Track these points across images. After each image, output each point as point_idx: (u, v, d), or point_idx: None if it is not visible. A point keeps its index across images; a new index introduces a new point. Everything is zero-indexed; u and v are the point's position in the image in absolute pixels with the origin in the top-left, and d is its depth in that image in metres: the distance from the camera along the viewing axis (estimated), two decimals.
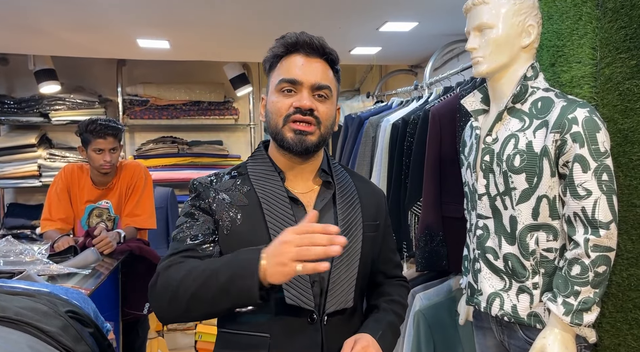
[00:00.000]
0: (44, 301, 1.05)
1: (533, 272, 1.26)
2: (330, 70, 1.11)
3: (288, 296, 1.02)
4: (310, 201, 1.12)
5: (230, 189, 1.11)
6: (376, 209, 1.19)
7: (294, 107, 1.06)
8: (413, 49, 2.97)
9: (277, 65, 1.11)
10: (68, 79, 3.52)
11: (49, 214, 2.29)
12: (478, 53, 1.35)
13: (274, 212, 1.06)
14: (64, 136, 3.68)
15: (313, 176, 1.15)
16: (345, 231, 1.09)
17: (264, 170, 1.13)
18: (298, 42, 1.08)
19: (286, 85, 1.07)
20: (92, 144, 2.20)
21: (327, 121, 1.10)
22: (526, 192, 1.25)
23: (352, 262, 1.09)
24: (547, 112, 1.24)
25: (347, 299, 1.07)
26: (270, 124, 1.11)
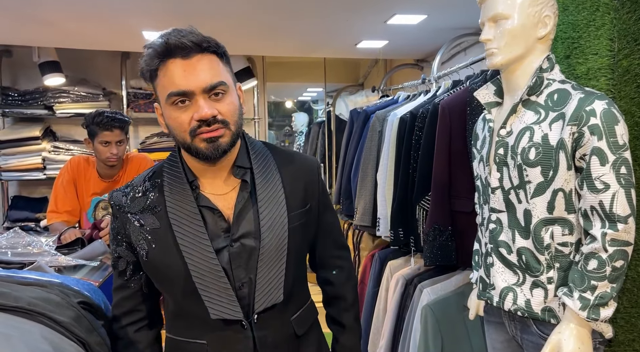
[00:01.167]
0: (56, 291, 1.04)
1: (548, 267, 1.25)
2: (216, 60, 1.02)
3: (212, 311, 1.05)
4: (230, 203, 1.09)
5: (143, 210, 1.07)
6: (304, 191, 1.15)
7: (196, 121, 0.99)
8: (420, 42, 2.95)
9: (157, 76, 1.01)
10: (72, 72, 3.50)
11: (55, 206, 2.28)
12: (492, 44, 1.33)
13: (185, 234, 1.04)
14: (67, 129, 3.66)
15: (229, 173, 1.10)
16: (268, 230, 1.07)
17: (176, 181, 1.08)
18: (169, 48, 0.98)
19: (177, 98, 0.99)
20: (99, 137, 2.19)
21: (234, 117, 1.03)
22: (541, 186, 1.24)
23: (279, 260, 1.08)
24: (564, 105, 1.22)
25: (276, 295, 1.08)
26: (177, 139, 1.04)
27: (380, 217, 2.40)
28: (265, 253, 1.06)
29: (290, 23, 2.52)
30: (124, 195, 1.11)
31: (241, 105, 1.08)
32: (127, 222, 1.08)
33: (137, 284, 1.13)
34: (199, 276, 1.04)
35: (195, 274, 1.04)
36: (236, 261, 1.07)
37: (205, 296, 1.04)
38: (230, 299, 1.04)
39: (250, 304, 1.07)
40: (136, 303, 1.14)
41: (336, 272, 1.26)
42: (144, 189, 1.09)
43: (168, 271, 1.06)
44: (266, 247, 1.07)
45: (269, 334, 1.10)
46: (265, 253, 1.06)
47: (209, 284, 1.04)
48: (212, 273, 1.04)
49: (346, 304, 1.27)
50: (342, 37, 2.79)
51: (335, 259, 1.27)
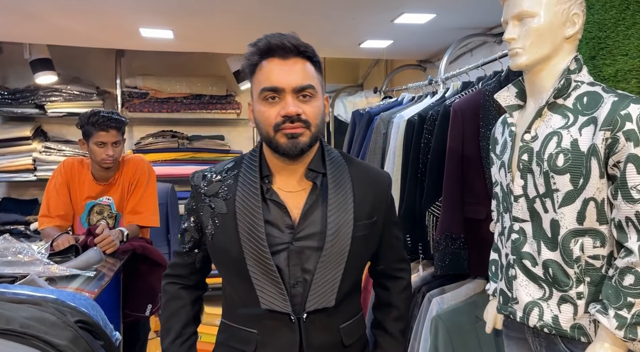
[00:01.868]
0: (52, 310, 0.95)
1: (577, 281, 1.17)
2: (310, 66, 1.11)
3: (262, 301, 1.10)
4: (300, 202, 1.15)
5: (216, 195, 1.16)
6: (372, 204, 1.19)
7: (281, 116, 1.07)
8: (425, 43, 2.88)
9: (255, 72, 1.11)
10: (65, 70, 3.40)
11: (47, 211, 2.17)
12: (517, 44, 1.25)
13: (246, 223, 1.11)
14: (59, 129, 3.56)
15: (304, 174, 1.17)
16: (334, 233, 1.12)
17: (250, 173, 1.16)
18: (271, 47, 1.08)
19: (269, 93, 1.08)
20: (94, 137, 2.09)
21: (316, 119, 1.11)
22: (570, 195, 1.17)
23: (338, 264, 1.12)
24: (595, 108, 1.15)
25: (329, 299, 1.12)
26: (261, 133, 1.13)
27: None
28: (327, 256, 1.11)
29: (293, 21, 2.44)
30: (203, 177, 1.19)
31: (324, 113, 1.15)
32: (200, 202, 1.17)
33: (191, 258, 1.23)
34: (253, 265, 1.09)
35: (250, 263, 1.09)
36: (294, 259, 1.12)
37: (257, 285, 1.10)
38: (280, 293, 1.09)
39: (302, 303, 1.11)
40: (187, 272, 1.25)
41: (394, 281, 1.31)
42: (222, 176, 1.17)
43: (227, 256, 1.14)
44: (329, 250, 1.11)
45: (316, 336, 1.13)
46: (327, 256, 1.11)
47: (261, 274, 1.09)
48: (264, 265, 1.09)
49: (397, 313, 1.29)
50: (346, 36, 2.71)
51: (396, 271, 1.31)
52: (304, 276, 1.11)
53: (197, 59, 3.62)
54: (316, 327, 1.12)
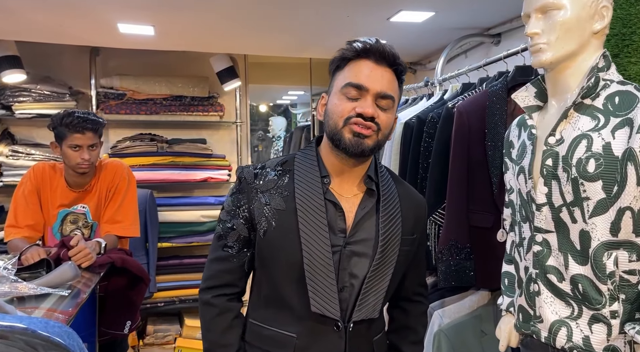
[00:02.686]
0: (20, 344, 0.79)
1: (611, 298, 1.07)
2: (396, 81, 1.12)
3: (314, 304, 1.07)
4: (352, 207, 1.14)
5: (271, 190, 1.13)
6: (415, 222, 1.21)
7: (357, 112, 1.07)
8: (418, 44, 2.79)
9: (344, 67, 1.11)
10: (34, 68, 3.18)
11: (14, 220, 1.98)
12: (541, 39, 1.16)
13: (308, 222, 1.09)
14: (28, 131, 3.33)
15: (359, 181, 1.17)
16: (384, 244, 1.12)
17: (309, 172, 1.14)
18: (370, 48, 1.09)
19: (352, 89, 1.08)
20: (68, 140, 1.91)
21: (386, 129, 1.11)
22: (603, 203, 1.07)
23: (386, 275, 1.13)
24: (630, 109, 1.06)
25: (375, 309, 1.12)
26: (329, 124, 1.11)
27: None
28: (378, 264, 1.10)
29: (283, 18, 2.31)
30: (255, 174, 1.16)
31: (392, 131, 1.15)
32: (253, 198, 1.13)
33: (240, 260, 1.17)
34: (311, 265, 1.07)
35: (307, 263, 1.07)
36: (344, 263, 1.10)
37: (311, 286, 1.07)
38: (332, 297, 1.07)
39: (348, 310, 1.11)
40: (235, 278, 1.17)
41: (415, 305, 1.29)
42: (277, 172, 1.15)
43: (281, 253, 1.10)
44: (380, 257, 1.11)
45: (357, 346, 1.12)
46: (378, 263, 1.10)
47: (317, 276, 1.07)
48: (323, 266, 1.07)
49: (415, 337, 1.27)
50: (338, 35, 2.59)
51: (417, 295, 1.30)
52: (351, 280, 1.11)
53: (178, 59, 3.45)
54: (358, 337, 1.13)
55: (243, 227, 1.15)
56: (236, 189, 1.17)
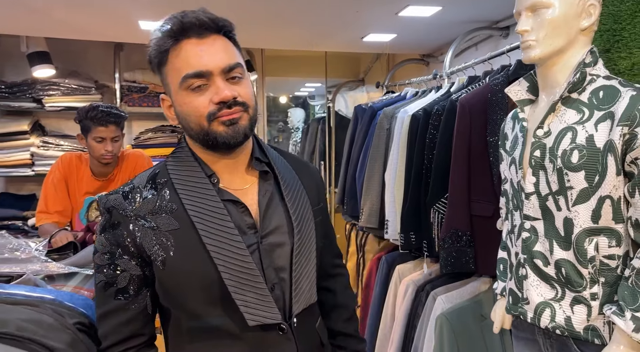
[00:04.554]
0: (49, 311, 0.91)
1: (591, 281, 1.14)
2: (231, 44, 0.96)
3: (249, 317, 0.92)
4: (253, 198, 1.00)
5: (154, 211, 0.94)
6: (317, 189, 1.13)
7: (215, 104, 0.91)
8: (429, 37, 2.83)
9: (167, 59, 0.93)
10: (62, 63, 3.34)
11: (45, 207, 2.13)
12: (530, 36, 1.22)
13: (212, 231, 0.92)
14: (57, 123, 3.51)
15: (246, 167, 1.03)
16: (300, 224, 1.01)
17: (190, 176, 0.97)
18: (185, 26, 0.91)
19: (194, 80, 0.91)
20: (93, 132, 2.05)
21: (251, 101, 0.96)
22: (585, 192, 1.13)
23: (310, 255, 1.02)
24: (612, 103, 1.11)
25: (312, 294, 1.02)
26: (191, 128, 0.94)
27: (389, 219, 2.28)
28: (299, 247, 0.99)
29: (296, 14, 2.39)
30: (125, 197, 0.96)
31: (255, 94, 1.02)
32: (135, 227, 0.94)
33: (141, 303, 0.97)
34: (232, 277, 0.91)
35: (227, 276, 0.91)
36: (267, 260, 0.97)
37: (240, 300, 0.91)
38: (267, 301, 0.93)
39: (286, 307, 0.98)
40: (138, 327, 0.97)
41: (336, 279, 1.22)
42: (151, 188, 0.97)
43: (192, 279, 0.93)
44: (299, 241, 0.99)
45: (307, 340, 1.02)
46: (299, 247, 0.99)
47: (243, 286, 0.92)
48: (246, 273, 0.92)
49: (348, 312, 1.21)
50: (349, 29, 2.66)
51: (335, 267, 1.22)
52: (279, 275, 0.98)
53: None
54: (304, 330, 1.01)
55: (132, 265, 0.95)
56: (107, 224, 0.95)
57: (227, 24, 0.96)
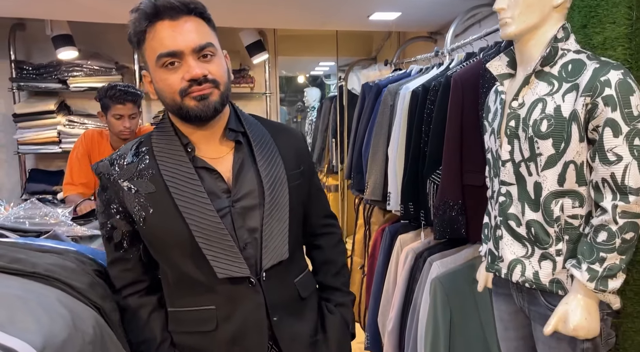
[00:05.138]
0: (72, 259, 1.07)
1: (557, 239, 1.24)
2: (203, 24, 1.05)
3: (219, 270, 1.04)
4: (227, 166, 1.10)
5: (134, 176, 1.07)
6: (296, 154, 1.19)
7: (187, 81, 1.01)
8: (434, 14, 2.89)
9: (145, 40, 1.03)
10: (85, 46, 3.50)
11: (70, 179, 2.32)
12: (506, 13, 1.30)
13: (184, 194, 1.04)
14: (82, 103, 3.69)
15: (221, 137, 1.12)
16: (270, 186, 1.10)
17: (168, 144, 1.08)
18: (158, 9, 1.01)
19: (167, 59, 1.01)
20: (112, 110, 2.21)
21: (223, 78, 1.05)
22: (552, 158, 1.23)
23: (282, 216, 1.10)
24: (578, 75, 1.20)
25: (282, 251, 1.10)
26: (167, 103, 1.06)
27: (391, 191, 2.40)
28: (270, 209, 1.08)
29: None
30: (111, 164, 1.10)
31: (229, 70, 1.09)
32: (119, 190, 1.07)
33: (135, 254, 1.12)
34: (202, 235, 1.03)
35: (198, 234, 1.03)
36: (238, 221, 1.08)
37: (210, 255, 1.04)
38: (235, 256, 1.05)
39: (257, 263, 1.09)
40: (138, 274, 1.14)
41: (326, 237, 1.31)
42: (133, 156, 1.09)
43: (168, 236, 1.06)
44: (270, 203, 1.08)
45: (277, 293, 1.11)
46: (269, 209, 1.08)
47: (212, 243, 1.04)
48: (215, 231, 1.04)
49: (336, 267, 1.29)
50: (355, 8, 2.74)
51: (324, 226, 1.31)
52: (253, 235, 1.08)
53: None
54: (275, 285, 1.10)
55: (122, 223, 1.09)
56: (100, 188, 1.11)
57: (199, 6, 1.04)
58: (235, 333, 1.08)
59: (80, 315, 0.91)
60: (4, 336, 0.75)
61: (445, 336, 1.93)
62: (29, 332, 0.78)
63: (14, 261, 0.94)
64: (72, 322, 0.86)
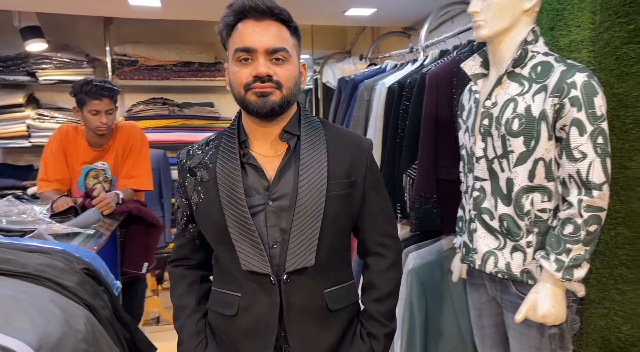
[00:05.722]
0: (60, 258, 1.08)
1: (527, 232, 1.32)
2: (285, 30, 1.12)
3: (243, 263, 1.12)
4: (274, 165, 1.15)
5: (199, 166, 1.18)
6: (350, 164, 1.18)
7: (252, 76, 1.08)
8: (408, 10, 2.94)
9: (231, 34, 1.12)
10: (54, 37, 3.43)
11: (45, 175, 2.29)
12: (480, 17, 1.36)
13: (226, 187, 1.13)
14: (51, 96, 3.61)
15: (278, 137, 1.17)
16: (304, 190, 1.11)
17: (230, 139, 1.17)
18: (245, 9, 1.09)
19: (242, 54, 1.09)
20: (88, 106, 2.18)
21: (289, 82, 1.11)
22: (523, 155, 1.30)
23: (313, 222, 1.11)
24: (547, 77, 1.27)
25: (307, 258, 1.11)
26: (234, 94, 1.14)
27: None
28: (300, 214, 1.11)
29: None
30: (187, 151, 1.22)
31: (299, 78, 1.16)
32: (185, 176, 1.20)
33: (190, 234, 1.24)
34: (233, 227, 1.12)
35: (231, 226, 1.12)
36: (272, 220, 1.13)
37: (238, 246, 1.12)
38: (259, 253, 1.11)
39: (282, 264, 1.12)
40: (187, 251, 1.26)
41: (376, 258, 1.23)
42: (204, 147, 1.20)
43: (209, 223, 1.16)
44: (301, 207, 1.11)
45: (298, 298, 1.13)
46: (299, 213, 1.11)
47: (241, 236, 1.11)
48: (244, 226, 1.11)
49: (378, 293, 1.21)
50: (331, 3, 2.76)
51: (378, 245, 1.23)
52: (283, 236, 1.12)
53: (185, 27, 3.65)
54: (297, 289, 1.12)
55: (184, 205, 1.22)
56: (178, 171, 1.24)
57: (284, 14, 1.11)
58: (249, 325, 1.15)
59: (72, 313, 0.92)
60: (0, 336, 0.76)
61: (421, 324, 2.00)
62: (24, 331, 0.79)
63: (3, 262, 0.95)
64: (65, 320, 0.88)
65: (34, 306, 0.87)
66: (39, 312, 0.85)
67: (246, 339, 1.15)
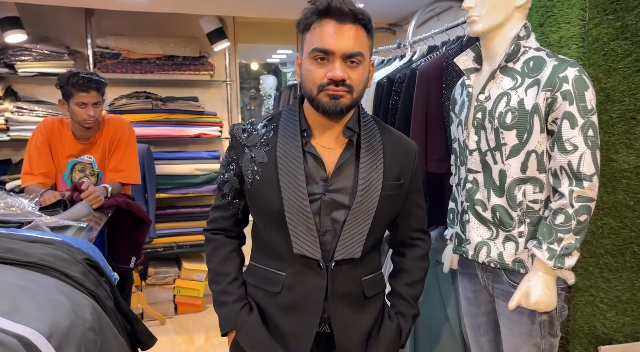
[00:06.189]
0: (62, 249, 1.07)
1: (519, 222, 1.36)
2: (363, 33, 1.14)
3: (296, 246, 1.17)
4: (334, 158, 1.21)
5: (256, 146, 1.21)
6: (400, 166, 1.25)
7: (328, 78, 1.11)
8: (394, 7, 2.98)
9: (310, 29, 1.14)
10: (33, 29, 3.34)
11: (29, 168, 2.24)
12: (474, 12, 1.39)
13: (287, 172, 1.17)
14: (30, 89, 3.51)
15: (340, 132, 1.22)
16: (364, 189, 1.18)
17: (291, 126, 1.21)
18: (329, 9, 1.10)
19: (319, 54, 1.11)
20: (75, 98, 2.14)
21: (359, 86, 1.16)
22: (516, 148, 1.34)
23: (366, 219, 1.19)
24: (539, 71, 1.31)
25: (355, 250, 1.19)
26: (305, 90, 1.17)
27: None
28: (356, 210, 1.17)
29: None
30: (243, 129, 1.24)
31: (368, 79, 1.19)
32: (241, 152, 1.23)
33: (235, 208, 1.29)
34: (290, 212, 1.16)
35: (288, 210, 1.16)
36: (325, 209, 1.18)
37: (292, 231, 1.16)
38: (313, 239, 1.16)
39: (330, 251, 1.19)
40: (230, 224, 1.31)
41: (411, 249, 1.34)
42: (262, 127, 1.23)
43: (265, 203, 1.20)
44: (358, 205, 1.17)
45: (341, 284, 1.20)
46: (356, 209, 1.17)
47: (297, 221, 1.16)
48: (301, 212, 1.16)
49: (411, 278, 1.32)
50: None
51: (413, 239, 1.35)
52: (334, 225, 1.18)
53: (169, 20, 3.61)
54: (341, 276, 1.20)
55: (234, 179, 1.25)
56: (229, 146, 1.28)
57: (366, 18, 1.13)
58: (294, 303, 1.20)
59: (78, 303, 0.92)
60: (11, 324, 0.76)
61: None
62: (34, 319, 0.79)
63: (8, 251, 0.94)
64: (73, 309, 0.88)
65: (43, 294, 0.86)
66: (48, 301, 0.85)
67: (287, 315, 1.21)
